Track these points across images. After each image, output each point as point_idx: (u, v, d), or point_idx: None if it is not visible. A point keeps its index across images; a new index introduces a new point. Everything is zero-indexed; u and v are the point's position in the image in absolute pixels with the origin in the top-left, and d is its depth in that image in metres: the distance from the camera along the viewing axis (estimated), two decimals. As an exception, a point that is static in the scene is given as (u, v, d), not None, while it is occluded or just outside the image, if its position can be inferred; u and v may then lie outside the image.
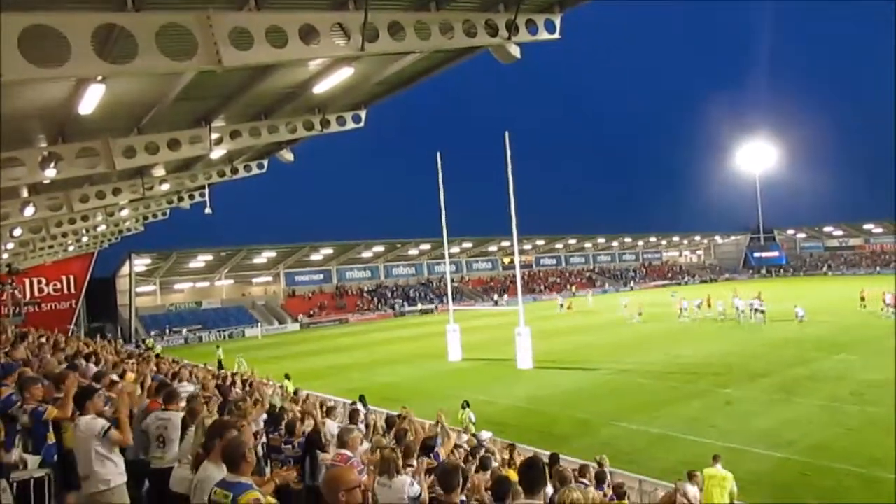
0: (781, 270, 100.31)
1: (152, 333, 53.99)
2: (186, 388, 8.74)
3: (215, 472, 4.49)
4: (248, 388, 13.35)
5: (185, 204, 24.43)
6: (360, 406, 14.09)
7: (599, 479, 9.35)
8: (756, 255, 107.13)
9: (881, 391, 19.66)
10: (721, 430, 16.66)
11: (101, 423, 5.86)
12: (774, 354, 27.38)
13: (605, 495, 8.45)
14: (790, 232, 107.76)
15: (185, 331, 56.50)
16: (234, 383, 14.11)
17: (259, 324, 60.49)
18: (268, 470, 8.03)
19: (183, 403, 7.10)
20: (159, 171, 19.05)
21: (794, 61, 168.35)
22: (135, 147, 13.79)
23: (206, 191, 23.61)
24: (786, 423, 17.02)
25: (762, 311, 39.56)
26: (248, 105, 14.05)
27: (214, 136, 14.68)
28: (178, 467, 6.13)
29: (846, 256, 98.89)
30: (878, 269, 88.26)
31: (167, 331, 55.76)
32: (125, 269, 58.11)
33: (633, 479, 11.88)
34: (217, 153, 16.55)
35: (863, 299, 42.22)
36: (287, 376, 21.57)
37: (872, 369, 22.94)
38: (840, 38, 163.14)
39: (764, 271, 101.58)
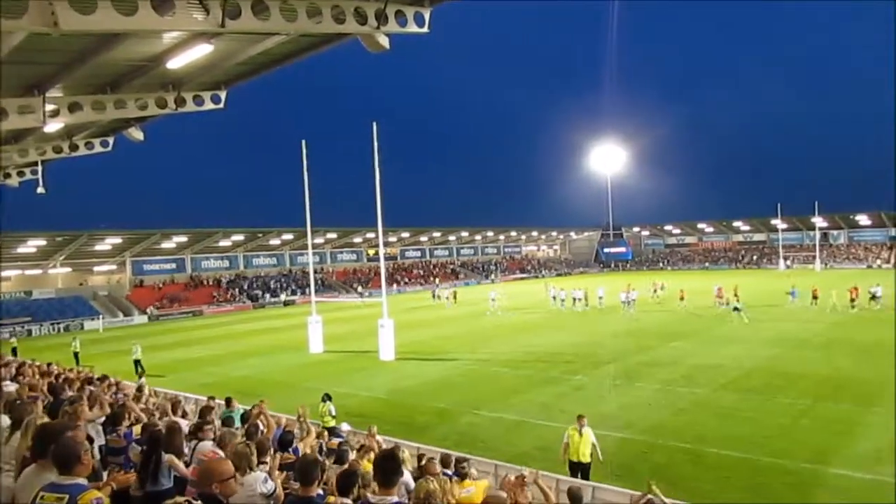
0: (628, 264, 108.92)
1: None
2: (8, 388, 7.76)
3: (42, 476, 4.05)
4: (84, 387, 12.21)
5: (14, 181, 21.88)
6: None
7: (444, 464, 9.47)
8: (606, 250, 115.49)
9: (707, 373, 22.13)
10: (571, 415, 17.52)
11: None
12: (618, 343, 29.60)
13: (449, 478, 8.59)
14: (636, 229, 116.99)
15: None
16: (67, 380, 12.86)
17: (101, 316, 55.61)
18: (105, 474, 7.36)
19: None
20: (-20, 143, 16.90)
21: (640, 71, 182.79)
22: (-52, 114, 12.11)
23: (39, 168, 21.26)
24: (627, 406, 18.46)
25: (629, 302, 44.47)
26: (91, 75, 12.82)
27: (49, 107, 13.27)
28: (-5, 476, 5.45)
29: (682, 253, 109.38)
30: (707, 264, 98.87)
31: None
32: (-64, 253, 50.92)
33: (490, 465, 12.30)
34: (53, 126, 14.99)
35: (662, 288, 51.70)
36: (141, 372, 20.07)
37: (701, 355, 25.67)
38: (683, 50, 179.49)
39: (612, 265, 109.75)
